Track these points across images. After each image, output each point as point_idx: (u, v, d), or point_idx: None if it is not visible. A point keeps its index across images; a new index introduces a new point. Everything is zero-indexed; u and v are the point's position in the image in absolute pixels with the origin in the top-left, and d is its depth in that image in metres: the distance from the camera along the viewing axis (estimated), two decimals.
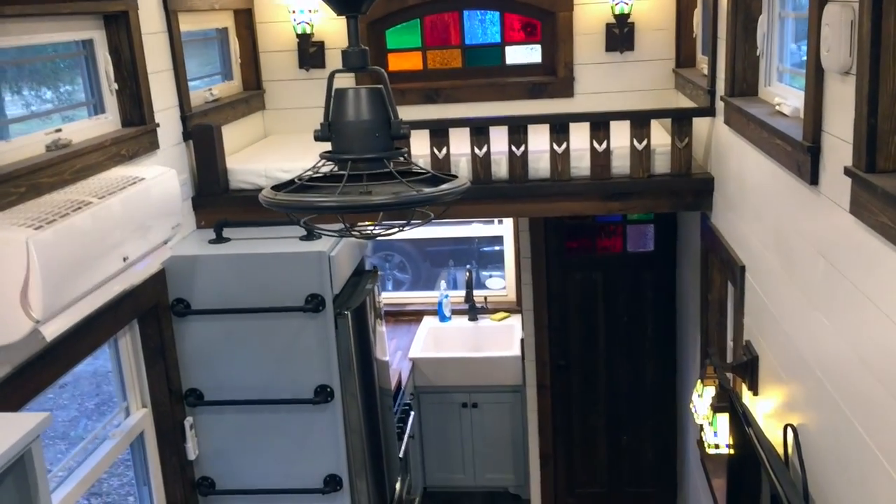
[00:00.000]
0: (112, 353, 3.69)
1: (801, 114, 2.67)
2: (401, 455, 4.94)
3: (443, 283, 6.53)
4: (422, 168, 2.46)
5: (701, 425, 3.42)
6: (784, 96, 3.06)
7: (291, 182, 2.46)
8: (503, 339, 6.19)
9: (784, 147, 2.67)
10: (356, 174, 2.47)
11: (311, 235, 3.90)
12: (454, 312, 6.51)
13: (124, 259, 3.00)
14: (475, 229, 7.00)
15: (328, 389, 3.88)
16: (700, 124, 4.14)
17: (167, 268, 3.77)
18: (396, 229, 2.42)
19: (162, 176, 3.34)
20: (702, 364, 3.85)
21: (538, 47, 5.16)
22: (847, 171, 2.10)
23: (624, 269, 5.45)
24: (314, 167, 2.44)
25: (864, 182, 1.99)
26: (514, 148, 4.04)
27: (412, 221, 2.33)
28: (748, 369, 3.24)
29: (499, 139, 4.06)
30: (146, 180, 3.22)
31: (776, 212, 2.89)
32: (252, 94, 5.11)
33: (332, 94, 2.36)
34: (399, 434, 5.06)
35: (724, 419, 3.19)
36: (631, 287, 5.46)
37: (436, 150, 4.07)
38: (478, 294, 6.52)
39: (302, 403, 3.89)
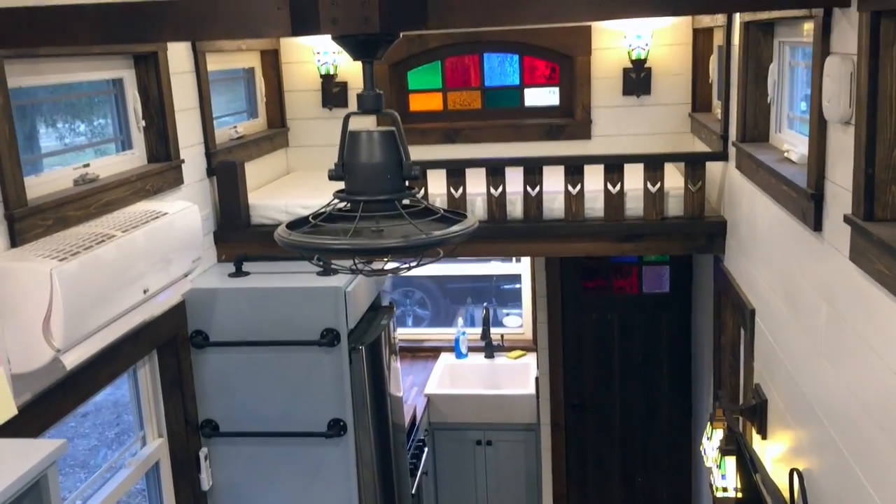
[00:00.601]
0: (131, 383, 3.77)
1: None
2: (413, 491, 4.96)
3: (460, 320, 6.57)
4: (433, 206, 2.53)
5: (710, 468, 3.42)
6: (793, 143, 3.11)
7: (306, 220, 2.54)
8: (519, 376, 6.21)
9: (790, 193, 2.72)
10: (368, 214, 2.56)
11: (327, 271, 3.98)
12: (471, 350, 6.54)
13: (145, 291, 3.10)
14: (493, 267, 7.06)
15: (341, 423, 3.93)
16: (714, 168, 4.19)
17: (187, 300, 3.86)
18: (407, 267, 2.49)
19: (184, 211, 3.44)
20: (712, 406, 3.85)
21: (556, 90, 5.26)
22: (846, 220, 2.14)
23: (639, 309, 5.47)
24: (329, 206, 2.52)
25: (862, 230, 2.04)
26: (529, 188, 4.11)
27: (422, 261, 2.40)
28: (757, 413, 3.25)
29: (514, 180, 4.13)
30: (169, 215, 3.32)
31: (783, 256, 2.92)
32: (276, 132, 5.24)
33: (347, 135, 2.45)
34: (412, 470, 5.08)
35: (731, 462, 3.19)
36: (646, 328, 5.48)
37: (452, 190, 4.15)
38: (495, 332, 6.55)
39: (315, 437, 3.94)
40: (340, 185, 2.42)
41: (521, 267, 6.63)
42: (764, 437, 3.23)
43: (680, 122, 5.08)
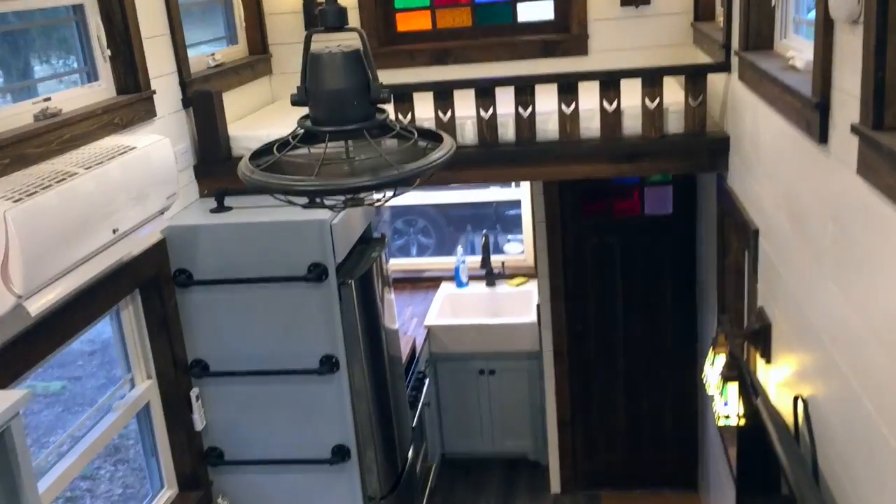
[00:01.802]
0: (114, 325, 3.66)
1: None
2: (414, 424, 4.90)
3: (459, 249, 6.43)
4: (406, 131, 2.36)
5: (712, 395, 3.31)
6: (799, 49, 2.89)
7: (271, 150, 2.37)
8: (521, 304, 6.09)
9: (794, 103, 2.52)
10: (338, 139, 2.39)
11: (312, 203, 3.81)
12: (472, 278, 6.42)
13: (114, 231, 2.95)
14: (492, 193, 6.88)
15: (333, 360, 3.83)
16: (716, 80, 3.96)
17: (168, 238, 3.72)
18: (384, 199, 2.33)
19: (155, 144, 3.27)
20: (715, 331, 3.72)
21: (551, 3, 4.98)
22: (854, 129, 1.95)
23: (642, 232, 5.30)
24: (292, 135, 2.35)
25: (871, 141, 1.85)
26: (521, 109, 3.90)
27: (399, 191, 2.23)
28: (761, 337, 3.11)
29: (506, 100, 3.92)
30: (137, 149, 3.15)
31: (787, 172, 2.74)
32: (258, 59, 5.01)
33: (308, 56, 2.26)
34: (412, 403, 5.01)
35: (733, 389, 3.07)
36: (649, 251, 5.32)
37: (440, 113, 3.95)
38: (496, 259, 6.41)
39: (308, 374, 3.84)
40: (302, 111, 2.25)
41: (521, 192, 6.44)
42: (768, 361, 3.10)
43: (682, 33, 4.82)
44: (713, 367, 3.29)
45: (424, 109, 3.99)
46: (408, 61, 5.05)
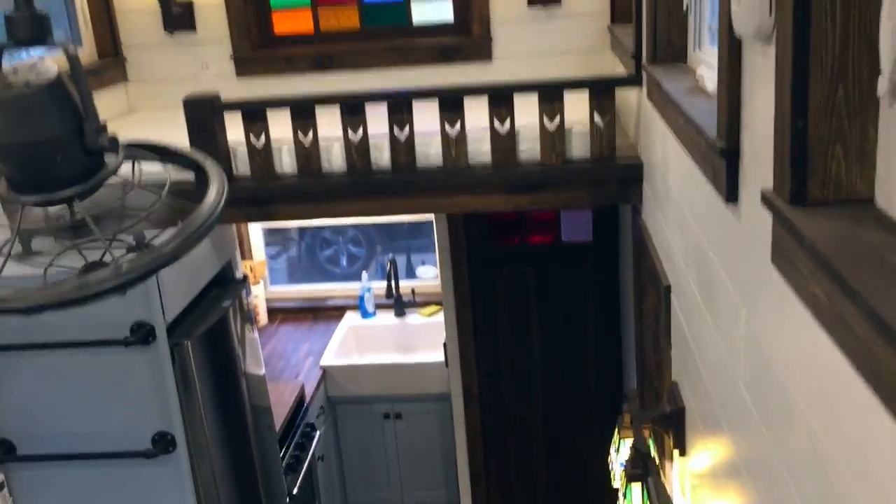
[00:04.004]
0: None
1: None
2: (296, 490, 4.21)
3: (364, 275, 5.75)
4: (149, 187, 1.69)
5: (617, 490, 2.68)
6: (712, 64, 2.26)
7: None
8: (433, 337, 5.43)
9: (699, 142, 1.89)
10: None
11: (141, 248, 3.11)
12: (380, 306, 5.75)
13: None
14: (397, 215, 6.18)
15: (169, 437, 3.14)
16: (629, 95, 3.34)
17: None
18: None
19: None
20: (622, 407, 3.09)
21: (449, 3, 4.32)
22: (765, 199, 1.32)
23: (559, 262, 4.68)
24: None
25: (787, 223, 1.22)
26: (396, 130, 3.24)
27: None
28: (673, 422, 2.49)
29: (383, 118, 3.25)
30: None
31: (696, 227, 2.11)
32: (108, 63, 4.28)
33: None
34: (294, 465, 4.32)
35: (637, 491, 2.44)
36: (568, 283, 4.70)
37: (301, 135, 3.27)
38: (407, 285, 5.75)
39: (137, 457, 3.14)
40: None
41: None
42: (682, 453, 2.48)
43: (598, 36, 4.20)
44: (618, 454, 2.67)
45: (281, 129, 3.30)
46: (286, 68, 4.36)
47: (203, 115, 3.26)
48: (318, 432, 4.72)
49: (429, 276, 5.89)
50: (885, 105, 1.14)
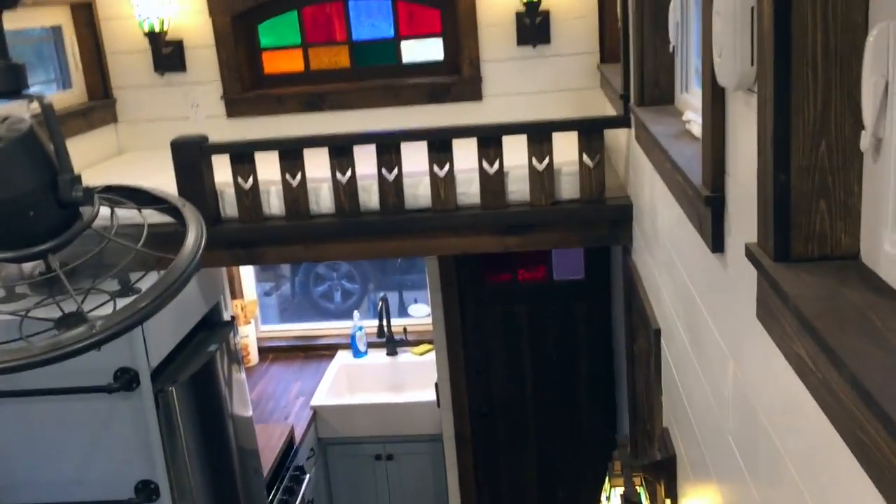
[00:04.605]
0: None
1: None
2: None
3: (356, 314, 5.70)
4: (124, 242, 1.65)
5: None
6: (698, 108, 2.25)
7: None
8: (425, 376, 5.36)
9: (685, 189, 1.86)
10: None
11: (125, 290, 3.07)
12: (372, 345, 5.69)
13: None
14: None
15: (152, 486, 3.08)
16: (619, 135, 3.33)
17: None
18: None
19: None
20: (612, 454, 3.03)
21: (439, 42, 4.33)
22: (749, 254, 1.29)
23: (551, 300, 4.64)
24: None
25: (771, 280, 1.18)
26: (385, 172, 3.22)
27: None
28: (664, 470, 2.44)
29: (371, 159, 3.23)
30: None
31: (684, 273, 2.08)
32: (98, 104, 4.27)
33: None
34: None
35: None
36: (560, 321, 4.66)
37: (288, 177, 3.25)
38: (399, 323, 5.70)
39: None
40: None
41: None
42: (674, 502, 2.42)
43: (587, 76, 4.20)
44: (609, 501, 2.61)
45: (269, 171, 3.28)
46: (276, 107, 4.35)
47: (191, 157, 3.24)
48: (307, 475, 4.64)
49: (421, 314, 5.84)
50: (869, 160, 1.12)
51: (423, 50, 4.35)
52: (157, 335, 3.06)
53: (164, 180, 3.28)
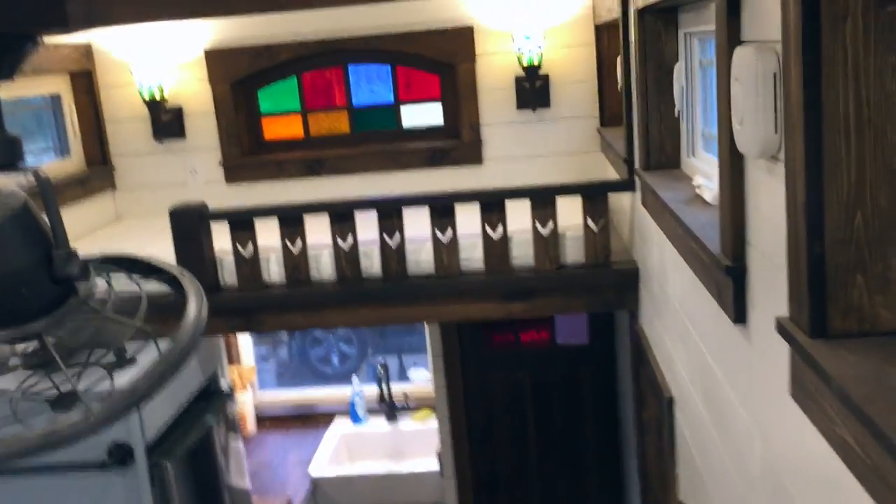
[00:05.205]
0: None
1: None
2: None
3: (355, 379, 5.59)
4: (120, 319, 1.58)
5: None
6: (708, 173, 2.22)
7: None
8: (427, 443, 5.24)
9: (701, 256, 1.81)
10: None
11: (121, 362, 2.99)
12: (372, 412, 5.57)
13: None
14: None
15: None
16: (623, 198, 3.30)
17: None
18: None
19: None
20: None
21: (439, 106, 4.33)
22: (781, 329, 1.23)
23: (554, 365, 4.55)
24: None
25: (809, 358, 1.12)
26: (386, 237, 3.17)
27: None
28: None
29: (373, 224, 3.19)
30: None
31: (701, 343, 2.02)
32: (96, 172, 4.24)
33: None
34: None
35: None
36: (565, 387, 4.56)
37: (289, 243, 3.20)
38: (399, 388, 5.59)
39: None
40: None
41: None
42: None
43: (588, 140, 4.19)
44: None
45: (268, 237, 3.23)
46: (276, 173, 4.33)
47: (189, 224, 3.20)
48: None
49: (422, 378, 5.74)
50: None
51: (423, 115, 4.35)
52: (154, 408, 2.96)
53: (162, 247, 3.23)
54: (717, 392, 1.87)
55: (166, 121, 4.23)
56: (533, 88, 4.08)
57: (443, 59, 4.17)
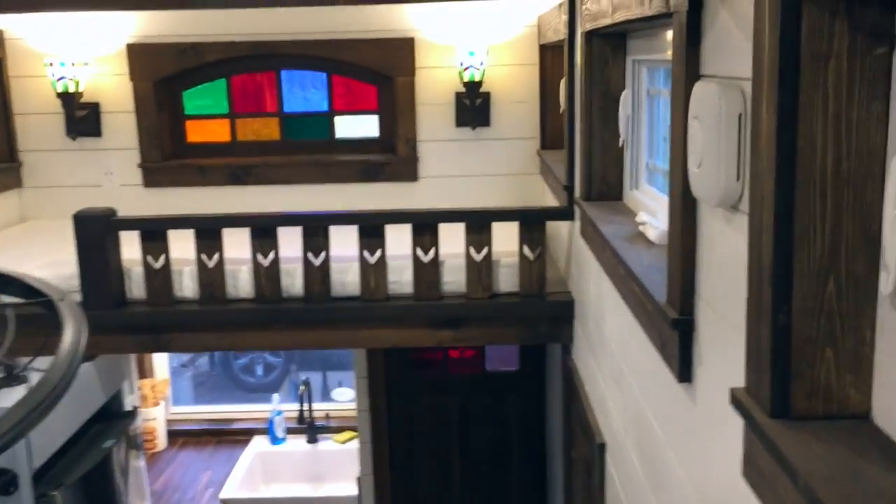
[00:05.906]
0: None
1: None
2: None
3: (275, 398, 5.35)
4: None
5: None
6: (652, 208, 2.09)
7: None
8: (346, 467, 5.03)
9: (644, 302, 1.67)
10: None
11: (11, 380, 2.72)
12: (292, 431, 5.33)
13: None
14: None
15: None
16: (560, 226, 3.17)
17: None
18: None
19: None
20: None
21: (375, 119, 4.15)
22: (736, 403, 1.09)
23: (483, 392, 4.40)
24: None
25: (769, 442, 0.98)
26: (311, 256, 2.97)
27: None
28: None
29: (297, 241, 2.99)
30: None
31: (639, 392, 1.88)
32: (1, 168, 3.93)
33: None
34: None
35: None
36: (492, 415, 4.41)
37: (204, 258, 2.97)
38: (321, 408, 5.37)
39: None
40: None
41: None
42: None
43: (527, 162, 4.07)
44: None
45: (183, 250, 3.00)
46: (198, 179, 4.08)
47: (95, 232, 2.95)
48: None
49: (345, 398, 5.53)
50: (887, 305, 0.94)
51: (358, 126, 4.17)
52: (43, 431, 2.69)
53: (69, 253, 2.98)
54: (655, 448, 1.73)
55: (81, 117, 3.95)
56: (473, 106, 3.94)
57: (381, 69, 4.00)
